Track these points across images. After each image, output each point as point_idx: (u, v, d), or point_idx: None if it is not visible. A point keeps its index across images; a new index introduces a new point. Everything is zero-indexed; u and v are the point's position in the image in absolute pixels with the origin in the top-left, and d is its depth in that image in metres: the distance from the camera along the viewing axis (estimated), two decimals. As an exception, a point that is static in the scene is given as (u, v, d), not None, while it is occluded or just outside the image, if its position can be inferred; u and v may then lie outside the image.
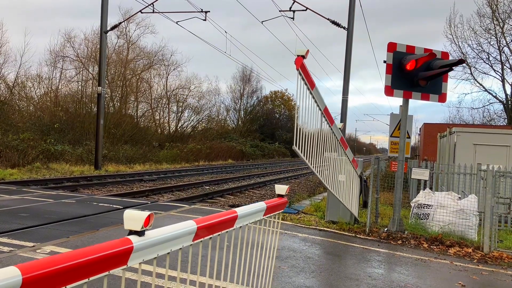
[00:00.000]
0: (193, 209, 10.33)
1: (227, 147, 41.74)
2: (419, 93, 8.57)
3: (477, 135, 13.81)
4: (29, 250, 5.84)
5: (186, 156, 33.95)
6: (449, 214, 8.96)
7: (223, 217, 3.28)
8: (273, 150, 54.12)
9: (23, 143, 21.01)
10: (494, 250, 7.85)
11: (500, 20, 29.55)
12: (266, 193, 17.83)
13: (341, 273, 5.95)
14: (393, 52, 8.41)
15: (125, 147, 29.19)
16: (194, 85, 45.75)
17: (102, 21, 21.27)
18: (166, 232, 2.58)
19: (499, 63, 30.75)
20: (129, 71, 37.55)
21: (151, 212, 2.38)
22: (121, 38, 39.29)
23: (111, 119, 30.73)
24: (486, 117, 32.79)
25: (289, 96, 67.92)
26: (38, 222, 7.89)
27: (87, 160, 23.32)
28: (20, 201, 10.20)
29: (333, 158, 6.69)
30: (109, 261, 2.12)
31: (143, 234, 2.37)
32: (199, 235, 2.95)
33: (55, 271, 1.78)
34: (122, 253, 2.22)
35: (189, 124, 44.95)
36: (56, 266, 1.81)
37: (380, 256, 7.15)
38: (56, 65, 32.98)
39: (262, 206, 3.98)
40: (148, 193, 14.71)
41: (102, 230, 7.42)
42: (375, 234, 8.70)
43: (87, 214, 8.97)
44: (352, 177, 8.30)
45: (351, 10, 17.55)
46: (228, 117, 56.26)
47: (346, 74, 17.63)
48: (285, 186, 4.42)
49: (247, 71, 57.03)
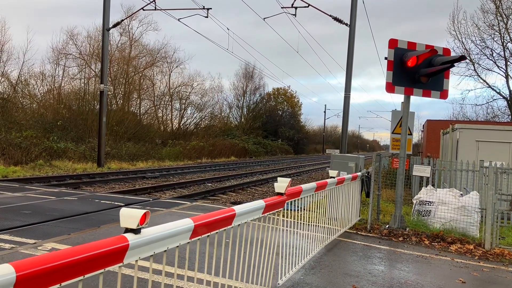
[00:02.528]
0: (195, 206, 10.35)
1: (230, 144, 41.76)
2: (420, 90, 8.54)
3: (480, 132, 13.77)
4: (30, 247, 5.87)
5: (189, 153, 33.99)
6: (451, 211, 8.94)
7: (221, 215, 3.29)
8: (276, 147, 54.11)
9: (26, 140, 21.09)
10: (496, 247, 7.83)
11: (504, 16, 29.41)
12: (268, 190, 17.84)
13: (342, 269, 5.96)
14: (394, 49, 8.38)
15: (128, 144, 29.25)
16: (197, 82, 45.83)
17: (104, 18, 21.29)
18: (163, 230, 2.59)
19: (502, 59, 30.63)
20: (131, 69, 37.59)
21: (147, 210, 2.39)
22: (124, 36, 39.39)
23: (114, 117, 30.79)
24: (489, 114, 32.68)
25: (292, 93, 67.92)
26: (40, 219, 7.93)
27: (90, 157, 23.39)
28: (23, 198, 10.25)
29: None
30: (104, 258, 2.13)
31: (139, 232, 2.38)
32: (197, 233, 2.96)
33: (49, 269, 1.79)
34: (118, 250, 2.23)
35: (192, 121, 45.05)
36: (50, 263, 1.82)
37: (381, 253, 7.15)
38: (59, 63, 33.11)
39: (260, 204, 3.99)
40: (150, 190, 14.74)
41: (103, 227, 7.44)
42: (376, 231, 8.69)
43: (89, 211, 9.00)
44: (352, 192, 8.28)
45: (353, 7, 17.50)
46: (231, 114, 56.31)
47: (348, 71, 17.59)
48: (284, 183, 4.42)
49: (250, 68, 57.05)
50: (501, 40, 30.05)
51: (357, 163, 9.73)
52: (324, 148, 76.21)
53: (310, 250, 5.91)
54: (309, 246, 5.89)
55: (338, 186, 7.03)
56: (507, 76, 30.70)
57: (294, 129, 62.53)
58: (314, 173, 29.45)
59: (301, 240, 5.51)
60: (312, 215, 6.01)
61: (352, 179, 8.02)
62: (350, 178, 7.82)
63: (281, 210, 4.53)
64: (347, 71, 17.61)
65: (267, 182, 20.78)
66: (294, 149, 61.27)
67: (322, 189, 6.08)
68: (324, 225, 6.60)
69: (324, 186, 6.12)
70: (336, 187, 6.93)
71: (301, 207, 5.50)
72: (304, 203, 5.50)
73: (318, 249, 6.40)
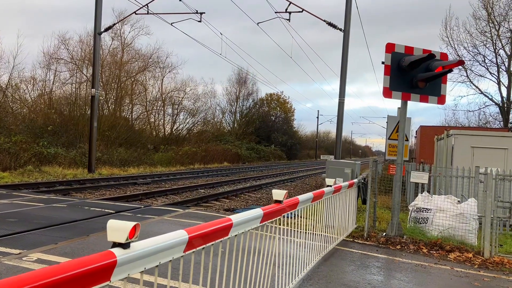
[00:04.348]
0: (188, 214, 10.11)
1: (223, 150, 41.50)
2: (418, 95, 8.40)
3: (475, 138, 13.69)
4: (14, 257, 5.60)
5: (181, 159, 33.68)
6: (449, 218, 8.79)
7: (217, 225, 3.07)
8: (269, 152, 53.90)
9: (15, 145, 20.70)
10: (495, 255, 7.68)
11: (496, 23, 29.59)
12: (262, 197, 17.62)
13: (340, 280, 5.75)
14: (392, 53, 8.24)
15: (120, 150, 28.88)
16: (189, 87, 45.61)
17: (96, 22, 21.04)
18: (154, 244, 2.37)
19: (495, 66, 30.78)
20: (124, 73, 37.27)
21: (137, 220, 2.18)
22: (116, 40, 39.10)
23: (105, 122, 30.44)
24: (482, 120, 32.76)
25: (285, 99, 67.85)
26: (26, 227, 7.64)
27: (81, 163, 23.03)
28: (9, 205, 9.94)
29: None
30: (89, 278, 1.91)
31: (128, 246, 2.15)
32: (192, 246, 2.74)
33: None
34: (104, 268, 2.01)
35: (184, 126, 44.75)
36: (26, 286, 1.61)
37: (379, 262, 6.96)
38: (50, 67, 32.69)
39: (258, 213, 3.78)
40: (141, 197, 14.46)
41: (92, 236, 7.18)
42: (373, 239, 8.51)
43: (78, 219, 8.73)
44: (349, 200, 8.11)
45: (347, 11, 17.43)
46: (223, 119, 56.10)
47: (343, 76, 17.49)
48: (283, 191, 4.23)
49: (243, 73, 56.90)
50: (493, 47, 30.23)
51: (353, 169, 9.56)
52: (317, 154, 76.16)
53: (310, 260, 5.71)
54: (309, 255, 5.69)
55: (335, 194, 6.85)
56: (499, 82, 30.87)
57: (287, 134, 62.42)
58: (307, 179, 29.28)
59: (299, 249, 5.30)
60: (310, 223, 5.81)
61: (348, 186, 7.84)
62: (346, 186, 7.64)
63: (280, 218, 4.33)
64: (341, 76, 17.51)
65: (260, 188, 20.56)
66: (287, 154, 61.11)
67: (319, 199, 5.89)
68: (323, 233, 6.40)
69: (321, 196, 5.93)
70: (333, 196, 6.74)
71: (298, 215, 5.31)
72: (300, 210, 5.30)
73: (318, 258, 6.20)
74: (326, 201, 6.40)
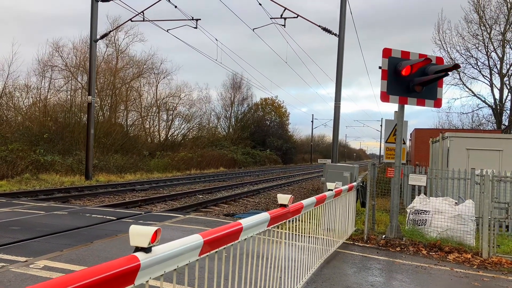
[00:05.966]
0: (188, 219, 10.17)
1: (219, 155, 41.55)
2: (414, 99, 8.55)
3: (470, 140, 13.87)
4: (22, 265, 5.65)
5: (177, 165, 33.70)
6: (447, 220, 8.92)
7: (229, 229, 3.17)
8: (264, 157, 54.00)
9: (11, 154, 20.66)
10: (493, 256, 7.81)
11: (488, 26, 29.95)
12: (260, 201, 17.70)
13: (343, 282, 5.85)
14: (388, 58, 8.39)
15: (116, 156, 28.88)
16: (184, 93, 45.67)
17: (92, 29, 21.09)
18: (173, 248, 2.46)
19: (487, 68, 31.12)
20: (118, 80, 37.28)
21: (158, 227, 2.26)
22: (110, 47, 39.16)
23: (101, 129, 30.42)
24: (475, 122, 33.07)
25: (280, 103, 68.07)
26: (30, 235, 7.67)
27: (78, 170, 23.01)
28: (11, 213, 9.96)
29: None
30: (115, 281, 1.99)
31: (150, 250, 2.25)
32: (206, 249, 2.83)
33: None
34: (129, 271, 2.09)
35: (179, 132, 44.78)
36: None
37: (380, 264, 7.06)
38: (45, 75, 32.68)
39: (266, 217, 3.87)
40: (140, 203, 14.49)
41: (96, 243, 7.23)
42: (373, 241, 8.61)
43: (80, 226, 8.76)
44: (348, 203, 8.21)
45: (342, 17, 17.63)
46: (219, 124, 56.15)
47: (338, 80, 17.66)
48: (288, 195, 4.33)
49: (238, 78, 57.08)
50: (485, 50, 30.58)
51: (352, 172, 9.67)
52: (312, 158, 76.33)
53: (313, 263, 5.80)
54: (312, 259, 5.78)
55: (336, 198, 6.95)
56: (491, 84, 31.21)
57: (282, 138, 62.60)
58: (304, 183, 29.38)
59: (303, 253, 5.39)
60: (312, 227, 5.90)
61: (348, 189, 7.95)
62: (346, 189, 7.75)
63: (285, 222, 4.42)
64: (336, 80, 17.67)
65: (258, 193, 20.64)
66: (282, 159, 61.22)
67: (322, 203, 6.00)
68: (324, 237, 6.50)
69: (324, 200, 6.04)
70: (334, 199, 6.85)
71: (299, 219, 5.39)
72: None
73: (321, 261, 6.29)
74: (328, 205, 6.50)
